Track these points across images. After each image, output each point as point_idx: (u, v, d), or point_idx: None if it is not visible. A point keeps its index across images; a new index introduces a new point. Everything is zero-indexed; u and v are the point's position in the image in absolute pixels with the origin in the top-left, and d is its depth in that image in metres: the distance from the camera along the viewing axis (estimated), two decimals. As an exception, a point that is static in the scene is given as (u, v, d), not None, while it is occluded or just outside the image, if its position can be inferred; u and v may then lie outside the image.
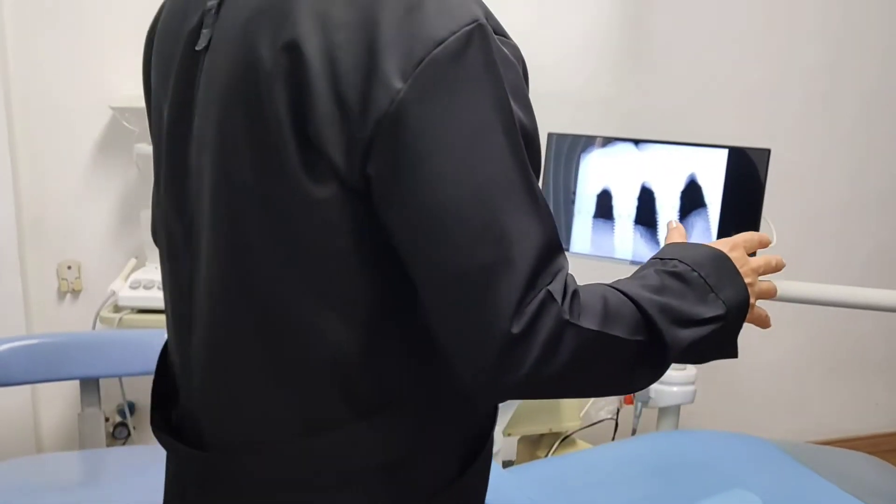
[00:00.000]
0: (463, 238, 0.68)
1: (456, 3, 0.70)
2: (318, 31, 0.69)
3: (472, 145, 0.69)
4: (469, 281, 0.68)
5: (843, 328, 2.64)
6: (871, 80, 2.51)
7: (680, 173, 1.83)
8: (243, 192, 0.74)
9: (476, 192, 0.68)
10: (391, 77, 0.67)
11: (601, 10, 2.43)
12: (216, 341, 0.83)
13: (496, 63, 0.71)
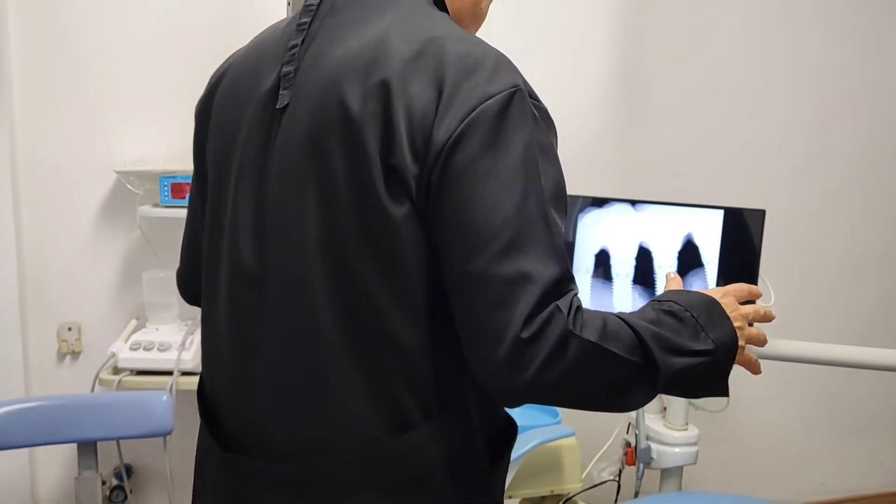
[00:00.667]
0: (491, 254, 0.82)
1: (503, 72, 0.89)
2: (400, 80, 0.86)
3: (506, 180, 0.84)
4: (492, 291, 0.82)
5: (845, 387, 2.62)
6: (864, 138, 2.55)
7: (677, 233, 1.85)
8: (342, 212, 0.88)
9: (506, 217, 0.83)
10: (451, 121, 0.84)
11: (598, 71, 2.48)
12: (296, 358, 0.92)
13: (530, 120, 0.87)
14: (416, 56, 0.87)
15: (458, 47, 0.89)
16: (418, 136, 0.85)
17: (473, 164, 0.84)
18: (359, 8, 0.95)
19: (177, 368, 2.03)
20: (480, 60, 0.88)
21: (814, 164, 2.54)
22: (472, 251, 0.83)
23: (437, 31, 0.91)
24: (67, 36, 2.24)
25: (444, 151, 0.84)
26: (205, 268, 1.07)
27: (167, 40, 2.26)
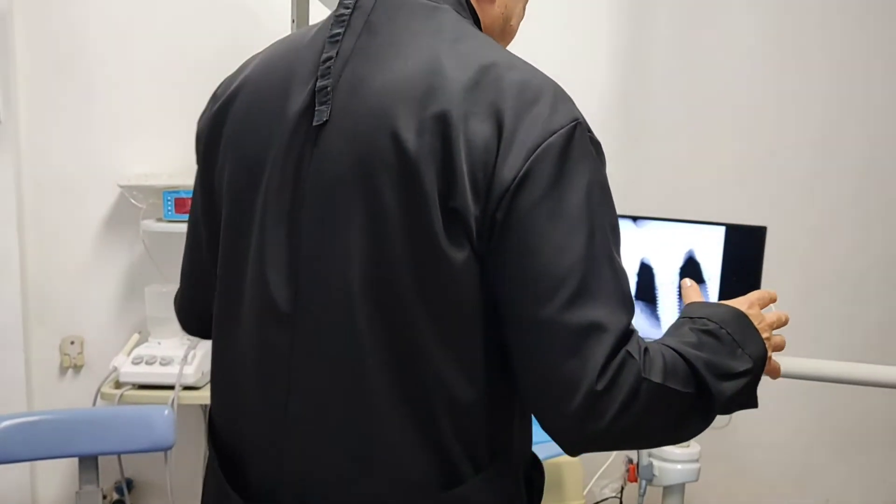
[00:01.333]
0: (560, 301, 0.79)
1: (563, 104, 0.85)
2: (460, 112, 0.81)
3: (572, 222, 0.81)
4: (562, 340, 0.79)
5: (849, 403, 2.61)
6: (865, 155, 2.55)
7: (678, 250, 1.85)
8: (396, 254, 0.82)
9: (574, 262, 0.80)
10: (515, 159, 0.80)
11: (599, 87, 2.49)
12: (340, 404, 0.86)
13: (591, 155, 0.85)
14: (474, 86, 0.82)
15: (515, 76, 0.85)
16: (480, 174, 0.80)
17: (539, 205, 0.80)
18: (398, 27, 0.89)
19: (178, 383, 2.03)
20: (539, 91, 0.84)
21: (815, 180, 2.54)
22: (540, 297, 0.79)
23: (490, 56, 0.86)
24: (73, 51, 2.26)
25: (510, 192, 0.80)
26: (220, 302, 0.98)
27: (172, 56, 2.28)
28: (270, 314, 0.89)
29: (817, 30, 2.49)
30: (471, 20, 0.95)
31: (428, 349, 0.84)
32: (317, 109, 0.86)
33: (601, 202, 0.84)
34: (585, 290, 0.79)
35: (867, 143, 2.55)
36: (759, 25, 2.48)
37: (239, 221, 0.93)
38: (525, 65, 0.88)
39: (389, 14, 0.90)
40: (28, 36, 2.23)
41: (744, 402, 0.91)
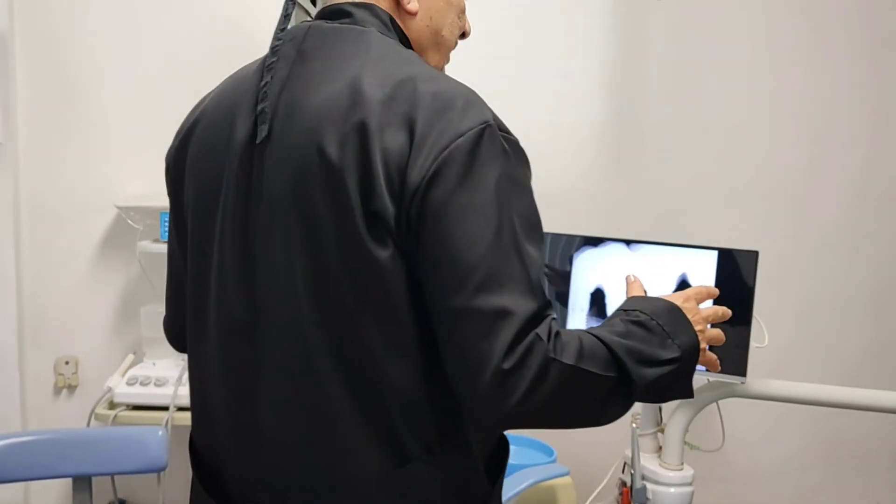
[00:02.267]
0: (470, 289, 0.85)
1: (472, 109, 0.91)
2: (376, 125, 0.88)
3: (481, 216, 0.87)
4: (473, 325, 0.85)
5: (842, 427, 2.62)
6: (857, 179, 2.57)
7: (671, 273, 1.86)
8: (329, 258, 0.90)
9: (482, 253, 0.86)
10: (424, 161, 0.87)
11: (592, 110, 2.51)
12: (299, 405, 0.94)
13: (500, 154, 0.90)
14: (389, 99, 0.90)
15: (429, 87, 0.91)
16: (395, 177, 0.87)
17: (448, 202, 0.87)
18: (328, 52, 0.97)
19: (173, 404, 2.03)
20: (451, 99, 0.91)
21: (807, 204, 2.56)
22: (453, 287, 0.86)
23: (408, 71, 0.93)
24: (72, 73, 2.28)
25: (420, 190, 0.87)
26: (190, 318, 1.07)
27: (169, 77, 2.30)
28: (233, 328, 0.98)
29: (809, 54, 2.52)
30: (397, 38, 1.03)
31: (371, 347, 0.91)
32: (259, 128, 0.95)
33: (511, 196, 0.89)
34: (494, 279, 0.86)
35: (858, 166, 2.57)
36: (751, 49, 2.51)
37: (202, 243, 1.02)
38: (443, 78, 0.95)
39: (320, 41, 0.99)
40: (27, 58, 2.25)
41: (676, 390, 0.99)
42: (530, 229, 0.91)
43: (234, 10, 2.30)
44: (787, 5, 2.50)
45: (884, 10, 2.49)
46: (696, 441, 2.01)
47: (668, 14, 2.35)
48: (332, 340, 0.91)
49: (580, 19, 2.47)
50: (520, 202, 0.91)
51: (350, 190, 0.88)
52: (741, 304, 1.79)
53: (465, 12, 1.14)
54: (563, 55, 2.48)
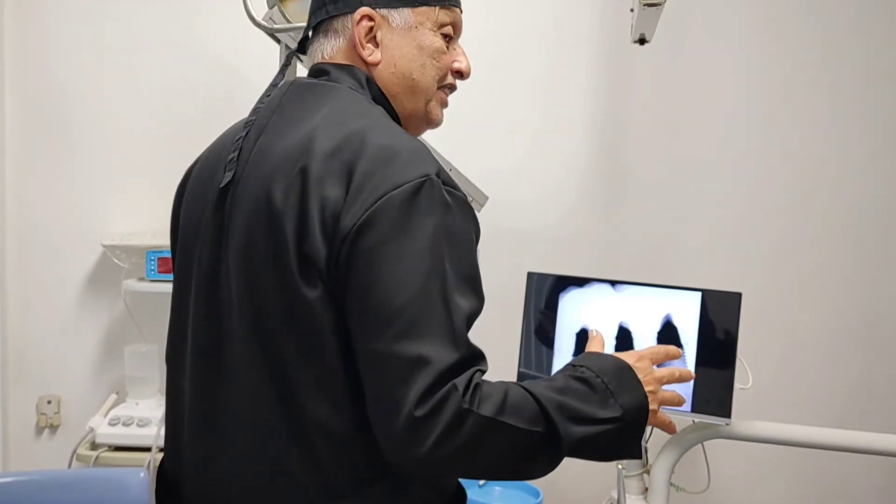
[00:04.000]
0: (392, 334, 0.87)
1: (415, 162, 0.94)
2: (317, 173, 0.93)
3: (410, 264, 0.89)
4: (392, 369, 0.87)
5: (829, 467, 2.62)
6: (840, 217, 2.60)
7: (656, 314, 1.87)
8: (268, 297, 0.95)
9: (407, 300, 0.88)
10: (358, 207, 0.90)
11: (577, 152, 2.54)
12: (244, 431, 0.98)
13: (439, 207, 0.92)
14: (336, 150, 0.94)
15: (377, 139, 0.95)
16: (329, 223, 0.91)
17: (378, 248, 0.89)
18: (300, 106, 1.04)
19: (155, 445, 2.02)
20: (395, 152, 0.94)
21: (790, 246, 2.58)
22: (375, 331, 0.88)
23: (360, 124, 0.98)
24: (60, 109, 2.29)
25: (350, 235, 0.90)
26: (169, 347, 1.14)
27: (158, 116, 2.31)
28: (201, 359, 1.04)
29: (793, 96, 2.56)
30: (369, 95, 1.09)
31: (301, 383, 0.94)
32: (224, 175, 1.03)
33: (446, 248, 0.91)
34: (416, 326, 0.87)
35: (844, 209, 2.60)
36: (735, 92, 2.55)
37: (184, 279, 1.09)
38: (395, 133, 1.00)
39: (297, 95, 1.07)
40: (15, 94, 2.27)
41: (621, 449, 0.99)
42: (464, 281, 0.92)
43: (225, 53, 2.33)
44: (770, 49, 2.54)
45: (867, 50, 2.54)
46: (682, 482, 2.00)
47: (652, 57, 2.39)
48: (270, 375, 0.95)
49: (565, 62, 2.50)
50: (456, 254, 0.92)
51: (287, 232, 0.92)
52: (725, 345, 1.80)
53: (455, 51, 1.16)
54: (548, 97, 2.51)
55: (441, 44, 1.13)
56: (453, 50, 1.16)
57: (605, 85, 2.53)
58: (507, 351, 2.00)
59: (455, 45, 1.17)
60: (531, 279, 1.99)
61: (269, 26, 1.75)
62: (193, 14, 2.32)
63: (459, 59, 1.17)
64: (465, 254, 0.94)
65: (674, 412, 1.81)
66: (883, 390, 2.61)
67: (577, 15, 2.49)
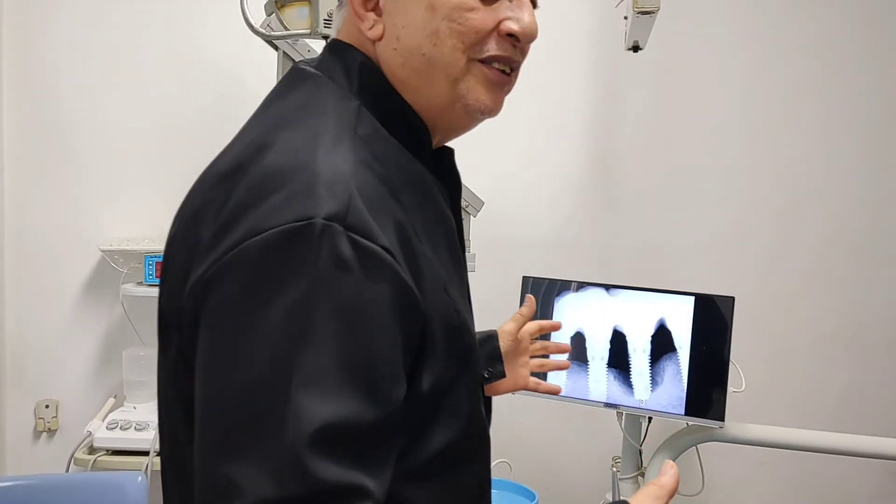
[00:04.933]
0: (210, 440, 0.64)
1: (302, 196, 0.66)
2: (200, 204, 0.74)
3: (246, 348, 0.64)
4: (202, 482, 0.64)
5: (823, 469, 2.63)
6: (831, 222, 2.62)
7: (650, 318, 1.89)
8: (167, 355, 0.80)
9: (234, 402, 0.64)
10: (212, 256, 0.68)
11: (572, 158, 2.55)
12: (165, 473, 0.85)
13: (317, 266, 0.64)
14: (228, 173, 0.73)
15: (272, 161, 0.71)
16: (187, 270, 0.71)
17: (220, 316, 0.66)
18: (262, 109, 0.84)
19: (153, 448, 2.02)
20: (285, 181, 0.68)
21: (783, 249, 2.60)
22: (199, 426, 0.66)
23: (277, 137, 0.74)
24: (58, 114, 2.30)
25: (198, 290, 0.68)
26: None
27: (156, 121, 2.32)
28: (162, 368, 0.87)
29: (784, 103, 2.58)
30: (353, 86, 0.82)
31: (185, 445, 0.73)
32: None
33: (317, 329, 0.63)
34: (235, 436, 0.63)
35: (833, 212, 2.62)
36: (728, 97, 2.57)
37: None
38: (309, 148, 0.72)
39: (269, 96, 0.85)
40: (13, 101, 2.28)
41: None
42: (343, 378, 0.64)
43: (223, 61, 2.34)
44: (762, 56, 2.56)
45: (858, 57, 2.56)
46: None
47: (646, 64, 2.41)
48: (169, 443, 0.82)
49: (560, 69, 2.52)
50: (338, 337, 0.64)
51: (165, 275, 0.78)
52: (718, 348, 1.82)
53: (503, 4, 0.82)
54: (543, 104, 2.52)
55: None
56: (506, 3, 0.82)
57: (599, 92, 2.55)
58: (502, 355, 2.01)
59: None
60: (526, 283, 2.00)
61: (267, 33, 1.77)
62: (192, 22, 2.34)
63: (511, 14, 0.81)
64: (356, 336, 0.65)
65: (668, 415, 1.83)
66: (874, 393, 2.63)
67: (571, 22, 2.51)
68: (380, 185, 0.73)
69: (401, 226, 0.72)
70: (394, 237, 0.70)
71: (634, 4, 1.78)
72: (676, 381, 1.84)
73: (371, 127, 0.79)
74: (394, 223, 0.71)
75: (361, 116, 0.79)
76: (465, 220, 2.08)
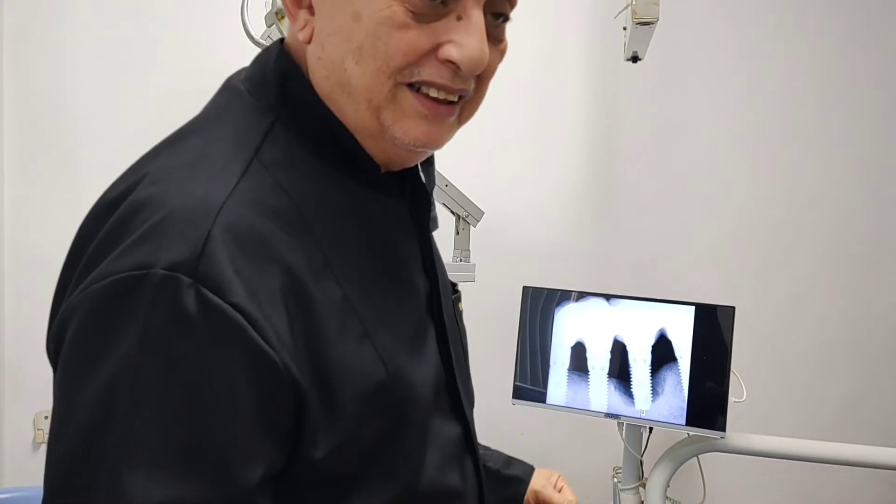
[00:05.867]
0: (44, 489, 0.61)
1: (148, 239, 0.59)
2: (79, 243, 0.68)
3: (67, 406, 0.60)
4: None
5: (824, 478, 2.62)
6: (831, 231, 2.62)
7: (650, 328, 1.89)
8: None
9: (53, 459, 0.61)
10: (67, 298, 0.64)
11: (571, 167, 2.56)
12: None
13: (150, 323, 0.57)
14: (105, 207, 0.67)
15: (144, 194, 0.63)
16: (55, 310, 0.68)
17: (61, 363, 0.62)
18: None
19: (153, 459, 2.02)
20: (147, 217, 0.61)
21: (783, 258, 2.60)
22: None
23: (152, 165, 0.68)
24: (57, 126, 2.30)
25: (53, 333, 0.66)
26: None
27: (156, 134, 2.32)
28: None
29: (784, 111, 2.58)
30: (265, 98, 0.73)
31: None
32: None
33: (140, 395, 0.56)
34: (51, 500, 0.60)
35: (833, 221, 2.62)
36: (727, 107, 2.58)
37: None
38: (171, 179, 0.64)
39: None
40: (13, 111, 2.28)
41: None
42: (170, 455, 0.56)
43: (222, 69, 2.34)
44: (761, 66, 2.57)
45: (856, 66, 2.57)
46: (678, 496, 2.01)
47: (645, 73, 2.42)
48: None
49: (559, 79, 2.53)
50: (164, 407, 0.57)
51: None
52: (719, 358, 1.81)
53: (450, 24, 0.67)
54: (542, 114, 2.53)
55: (396, 12, 0.65)
56: (451, 22, 0.67)
57: (598, 102, 2.56)
58: (502, 365, 2.01)
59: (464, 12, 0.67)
60: (526, 293, 2.00)
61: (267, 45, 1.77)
62: (192, 33, 2.34)
63: (454, 36, 0.67)
64: (191, 407, 0.57)
65: (669, 426, 1.83)
66: (875, 402, 2.63)
67: (570, 32, 2.52)
68: (268, 222, 0.63)
69: (291, 270, 0.63)
70: (274, 285, 0.61)
71: (633, 15, 1.78)
72: (677, 391, 1.84)
73: (281, 149, 0.69)
74: (280, 268, 0.62)
75: (272, 136, 0.70)
76: (465, 231, 2.07)
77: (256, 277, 0.60)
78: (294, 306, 0.62)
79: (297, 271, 0.63)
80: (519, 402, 1.94)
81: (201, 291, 0.57)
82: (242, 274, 0.59)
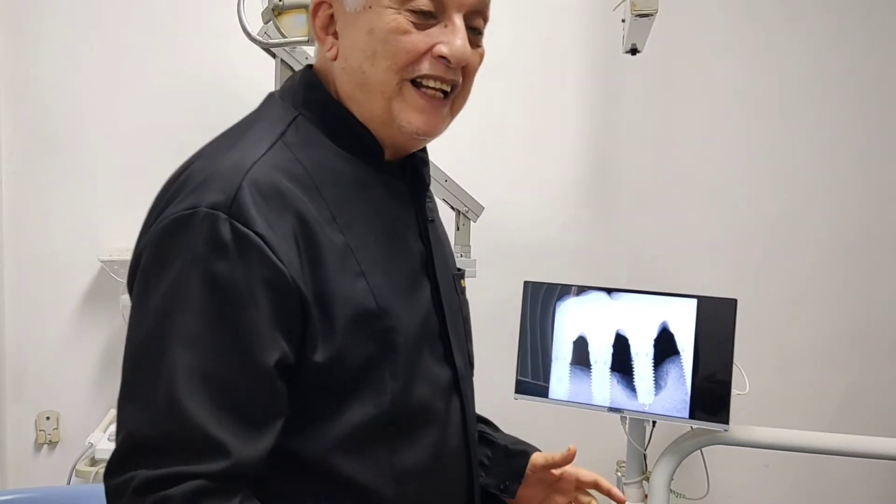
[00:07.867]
0: (121, 385, 0.81)
1: (198, 190, 0.81)
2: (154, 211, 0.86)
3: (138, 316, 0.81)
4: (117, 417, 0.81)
5: (826, 470, 2.62)
6: (832, 225, 2.62)
7: (652, 321, 1.88)
8: None
9: (127, 355, 0.81)
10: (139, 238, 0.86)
11: (572, 162, 2.55)
12: None
13: (195, 249, 0.78)
14: (172, 181, 0.88)
15: (196, 167, 0.86)
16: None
17: (136, 287, 0.83)
18: None
19: (155, 459, 2.01)
20: (192, 179, 0.83)
21: (784, 252, 2.60)
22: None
23: (210, 147, 0.91)
24: (56, 126, 2.30)
25: (132, 266, 0.85)
26: None
27: (154, 132, 2.32)
28: None
29: (785, 106, 2.58)
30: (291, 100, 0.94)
31: None
32: None
33: (190, 297, 0.78)
34: (129, 385, 0.79)
35: (834, 217, 2.62)
36: (728, 101, 2.57)
37: None
38: (222, 155, 0.86)
39: None
40: (12, 112, 2.27)
41: None
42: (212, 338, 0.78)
43: (220, 67, 2.34)
44: (762, 60, 2.56)
45: (856, 63, 2.57)
46: (682, 489, 2.01)
47: (645, 68, 2.41)
48: None
49: (558, 73, 2.52)
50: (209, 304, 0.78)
51: None
52: (722, 351, 1.81)
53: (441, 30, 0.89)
54: (541, 108, 2.52)
55: (400, 23, 0.87)
56: (440, 29, 0.89)
57: (599, 95, 2.55)
58: (504, 360, 2.00)
59: (449, 21, 0.89)
60: (527, 288, 2.00)
61: (264, 41, 1.76)
62: (191, 31, 2.33)
63: (443, 38, 0.89)
64: (225, 305, 0.78)
65: (672, 419, 1.82)
66: (878, 394, 2.63)
67: (569, 26, 2.51)
68: (286, 181, 0.84)
69: (302, 217, 0.83)
70: (288, 226, 0.81)
71: (632, 7, 1.78)
72: (680, 384, 1.83)
73: (302, 134, 0.91)
74: (294, 214, 0.82)
75: (295, 124, 0.91)
76: (465, 226, 2.07)
77: (274, 218, 0.81)
78: (303, 244, 0.82)
79: (307, 218, 0.83)
80: (521, 397, 1.94)
81: (234, 223, 0.78)
82: (263, 213, 0.80)
